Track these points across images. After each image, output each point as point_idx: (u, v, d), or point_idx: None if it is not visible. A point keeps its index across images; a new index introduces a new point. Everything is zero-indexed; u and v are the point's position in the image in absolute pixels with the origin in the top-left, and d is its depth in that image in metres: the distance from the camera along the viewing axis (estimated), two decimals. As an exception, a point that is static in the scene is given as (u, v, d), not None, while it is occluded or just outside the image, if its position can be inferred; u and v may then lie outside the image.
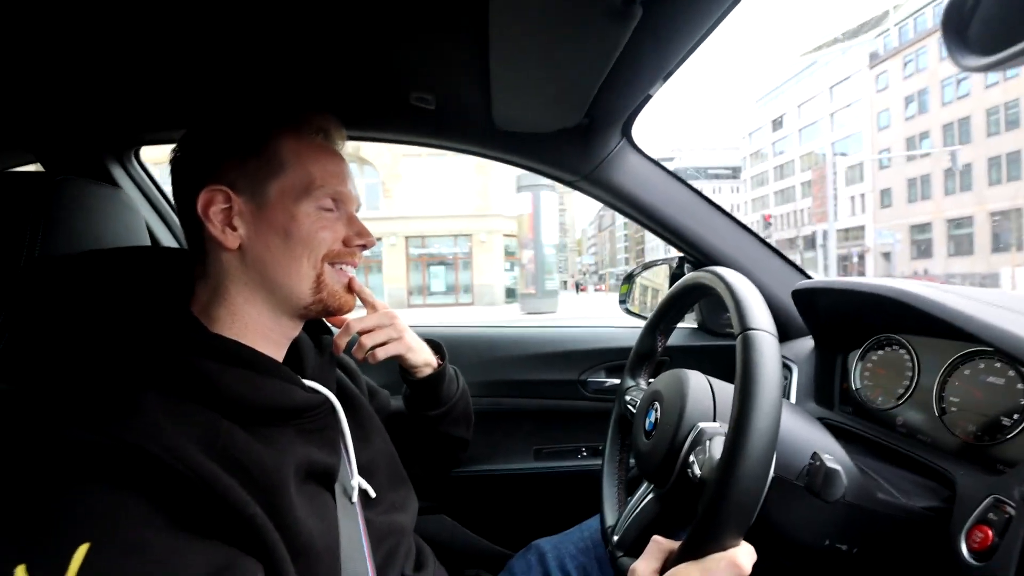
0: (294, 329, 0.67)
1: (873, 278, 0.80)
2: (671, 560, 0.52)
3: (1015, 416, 0.64)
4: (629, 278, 1.49)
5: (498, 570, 0.93)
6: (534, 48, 0.68)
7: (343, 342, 0.77)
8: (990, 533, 0.55)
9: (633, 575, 0.54)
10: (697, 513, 0.50)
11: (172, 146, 0.65)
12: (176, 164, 0.63)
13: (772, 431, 0.48)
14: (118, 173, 1.19)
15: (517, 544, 0.98)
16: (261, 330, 0.63)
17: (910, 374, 0.80)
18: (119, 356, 0.53)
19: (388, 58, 0.82)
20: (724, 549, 0.49)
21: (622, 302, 1.48)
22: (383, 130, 1.07)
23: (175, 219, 1.28)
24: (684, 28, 0.71)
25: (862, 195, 36.23)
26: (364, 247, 0.68)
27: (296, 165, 0.63)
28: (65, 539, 0.39)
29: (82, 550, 0.39)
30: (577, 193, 1.20)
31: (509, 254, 19.79)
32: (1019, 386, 0.65)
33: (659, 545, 0.55)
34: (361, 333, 0.79)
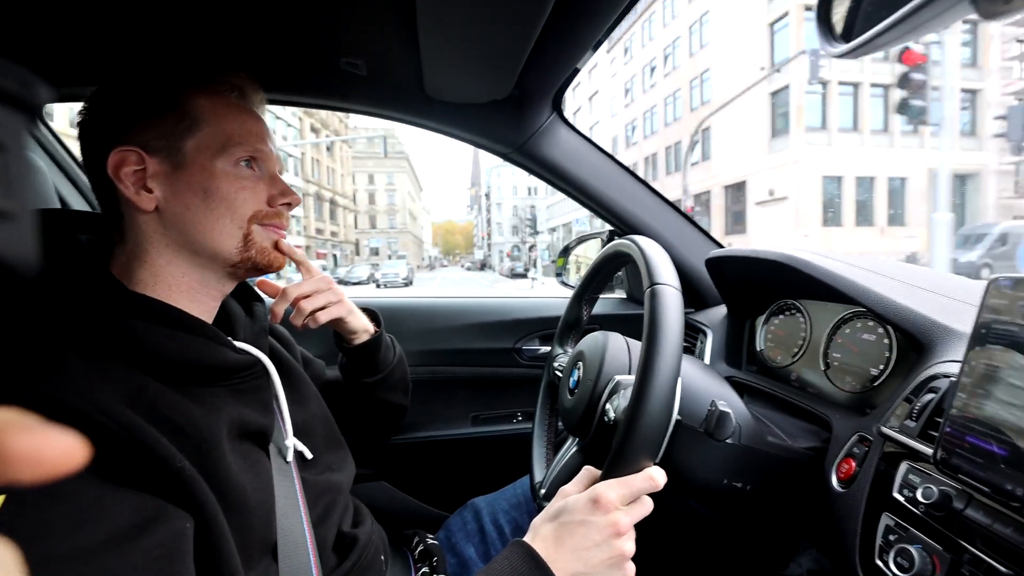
0: (223, 289, 0.66)
1: (773, 247, 0.88)
2: (595, 482, 0.57)
3: (881, 367, 0.74)
4: (565, 251, 1.55)
5: (437, 530, 0.97)
6: (461, 15, 0.69)
7: (280, 309, 0.77)
8: (853, 464, 0.64)
9: (561, 494, 0.58)
10: (612, 445, 0.56)
11: (79, 105, 0.61)
12: (84, 125, 0.60)
13: (674, 371, 0.54)
14: None
15: (455, 506, 1.02)
16: (187, 291, 0.62)
17: (803, 335, 0.90)
18: (38, 317, 0.51)
19: (316, 20, 0.80)
20: (639, 470, 0.55)
21: (558, 275, 1.54)
22: (314, 95, 1.04)
23: (86, 183, 1.19)
24: None
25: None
26: (289, 206, 0.67)
27: (211, 122, 0.61)
28: None
29: None
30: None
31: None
32: (885, 341, 0.75)
33: (588, 472, 0.60)
34: (299, 299, 0.79)
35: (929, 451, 0.54)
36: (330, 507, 0.71)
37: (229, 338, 0.63)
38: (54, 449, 0.17)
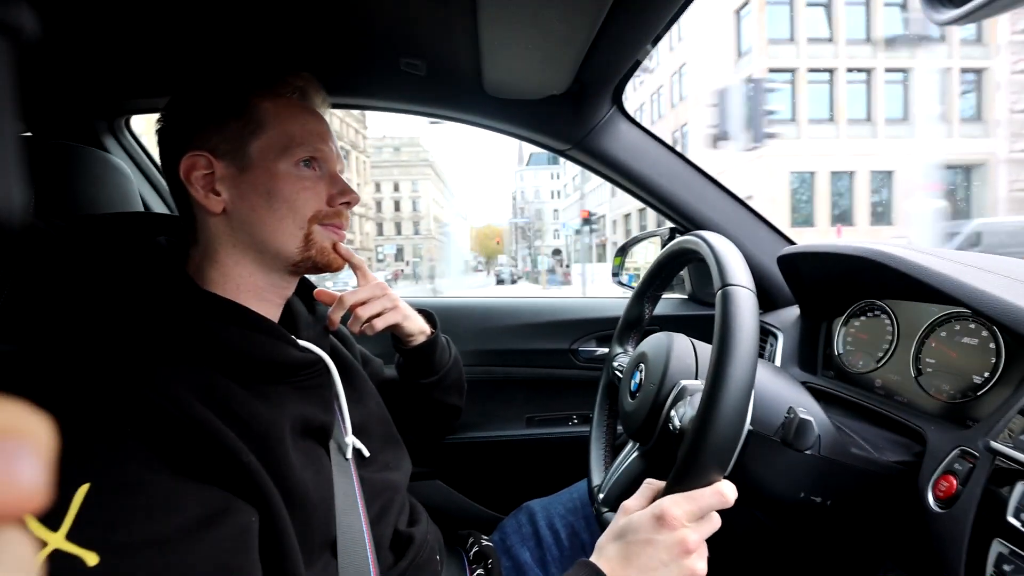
0: (287, 288, 0.68)
1: (855, 241, 0.81)
2: (659, 496, 0.54)
3: (985, 374, 0.66)
4: (622, 251, 1.51)
5: (491, 532, 0.96)
6: (522, 10, 0.68)
7: (337, 317, 0.78)
8: (954, 482, 0.57)
9: (624, 511, 0.56)
10: (679, 456, 0.52)
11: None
12: (161, 132, 0.64)
13: (748, 379, 0.50)
14: (110, 143, 1.18)
15: (509, 508, 1.01)
16: (254, 290, 0.64)
17: (890, 338, 0.82)
18: (118, 316, 0.54)
19: (377, 22, 0.81)
20: (707, 484, 0.51)
21: (615, 275, 1.49)
22: (374, 97, 1.06)
23: (167, 188, 1.28)
24: None
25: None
26: (348, 205, 0.69)
27: (274, 124, 0.63)
28: (66, 481, 0.41)
29: (82, 490, 0.40)
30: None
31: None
32: (991, 345, 0.67)
33: (650, 485, 0.57)
34: (355, 306, 0.80)
35: None
36: (387, 505, 0.71)
37: (293, 336, 0.64)
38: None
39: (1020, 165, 18.54)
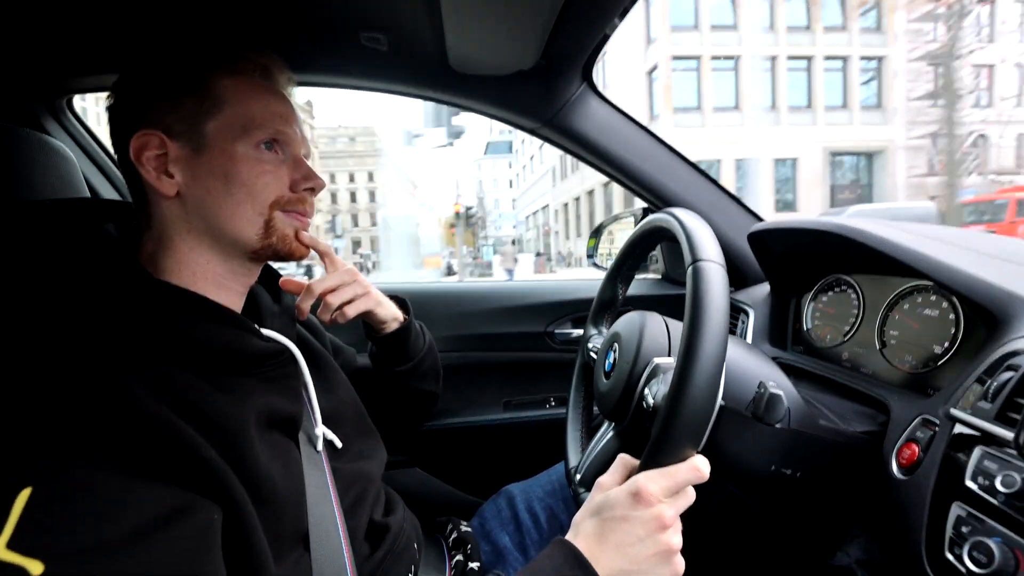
0: (248, 276, 0.65)
1: (820, 217, 0.82)
2: (634, 472, 0.54)
3: (945, 344, 0.68)
4: (597, 232, 1.51)
5: (470, 517, 0.96)
6: None
7: (306, 306, 0.75)
8: (916, 449, 0.59)
9: (600, 487, 0.55)
10: (652, 432, 0.52)
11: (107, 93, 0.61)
12: (110, 109, 0.60)
13: (719, 353, 0.50)
14: (51, 125, 1.11)
15: (489, 493, 1.01)
16: (212, 278, 0.61)
17: (856, 312, 0.84)
18: (62, 308, 0.51)
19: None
20: (682, 460, 0.51)
21: (590, 256, 1.49)
22: (336, 74, 1.02)
23: (117, 173, 1.21)
24: None
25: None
26: (312, 191, 0.65)
27: (234, 103, 0.59)
28: (6, 486, 0.38)
29: (24, 495, 0.38)
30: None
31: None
32: (951, 316, 0.68)
33: (624, 461, 0.57)
34: (324, 294, 0.77)
35: (1009, 435, 0.49)
36: (361, 496, 0.70)
37: (256, 326, 0.62)
38: None
39: (916, 152, 19.33)
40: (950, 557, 0.51)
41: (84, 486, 0.40)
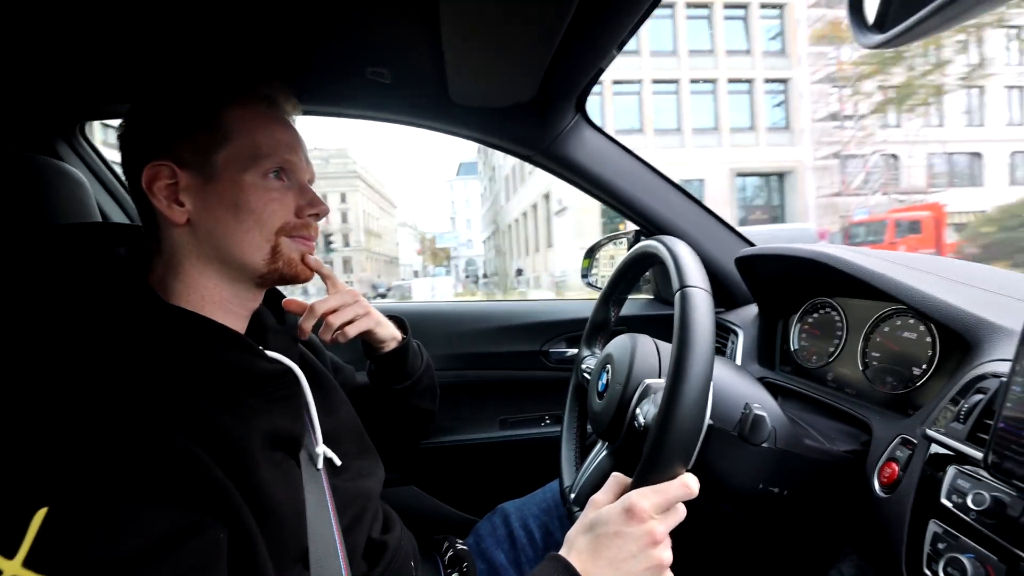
0: (254, 300, 0.68)
1: (805, 245, 0.86)
2: (626, 490, 0.56)
3: (923, 366, 0.71)
4: (591, 252, 1.54)
5: (466, 535, 0.97)
6: (484, 20, 0.69)
7: (308, 326, 0.77)
8: (896, 468, 0.61)
9: (593, 504, 0.57)
10: (644, 451, 0.55)
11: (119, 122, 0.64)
12: (122, 139, 0.63)
13: (706, 374, 0.53)
14: (64, 151, 1.14)
15: (484, 510, 1.02)
16: (219, 301, 0.63)
17: (840, 334, 0.87)
18: (74, 330, 0.53)
19: (342, 31, 0.81)
20: (672, 477, 0.53)
21: (584, 276, 1.52)
22: (341, 105, 1.06)
23: (126, 197, 1.24)
24: None
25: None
26: (317, 216, 0.68)
27: (242, 134, 0.62)
28: (24, 505, 0.40)
29: (40, 515, 0.40)
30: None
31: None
32: (927, 340, 0.72)
33: (616, 479, 0.58)
34: (326, 314, 0.79)
35: (979, 455, 0.51)
36: (360, 514, 0.71)
37: (260, 347, 0.64)
38: None
39: (824, 172, 19.66)
40: (928, 573, 0.53)
41: (97, 506, 0.42)
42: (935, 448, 0.57)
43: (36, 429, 0.44)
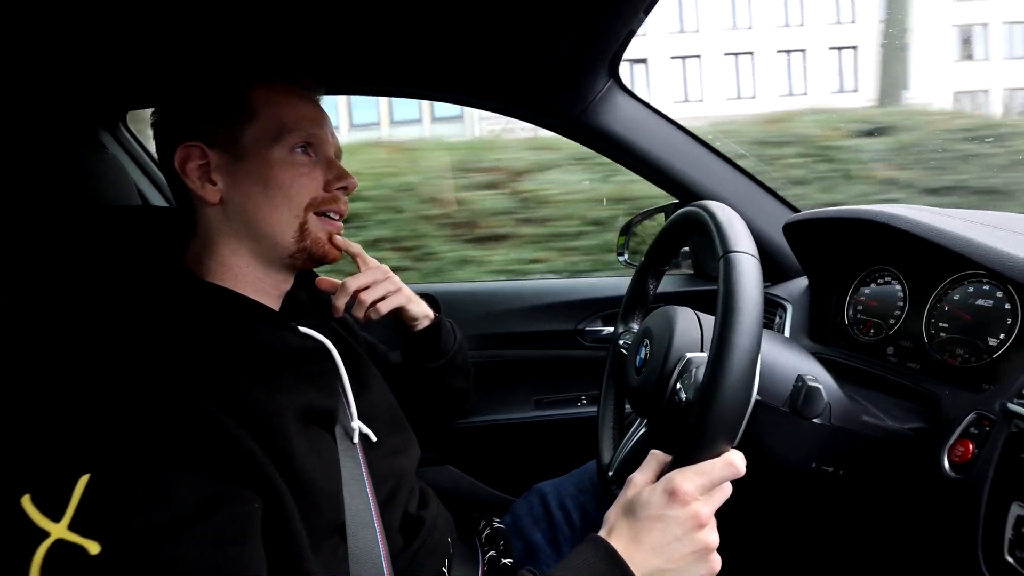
0: (285, 282, 0.68)
1: (863, 205, 0.79)
2: (667, 468, 0.53)
3: (1001, 336, 0.64)
4: (626, 229, 1.48)
5: (503, 515, 0.96)
6: None
7: (341, 303, 0.78)
8: (971, 446, 0.56)
9: (631, 484, 0.55)
10: (686, 428, 0.52)
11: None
12: (156, 126, 0.65)
13: (754, 345, 0.49)
14: (106, 139, 1.18)
15: (521, 490, 1.02)
16: (252, 280, 0.64)
17: (901, 304, 0.80)
18: (116, 308, 0.54)
19: (368, 8, 0.79)
20: (716, 455, 0.50)
21: (620, 254, 1.47)
22: (373, 83, 1.05)
23: (164, 181, 1.28)
24: None
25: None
26: (346, 190, 0.68)
27: (266, 111, 0.63)
28: (68, 471, 0.42)
29: (83, 480, 0.41)
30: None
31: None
32: (1007, 306, 0.64)
33: (656, 457, 0.56)
34: (358, 291, 0.79)
35: None
36: (396, 490, 0.71)
37: (293, 323, 0.64)
38: None
39: None
40: (1010, 560, 0.48)
41: (136, 474, 0.43)
42: (1018, 424, 0.52)
43: (78, 400, 0.46)
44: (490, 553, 0.84)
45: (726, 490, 0.52)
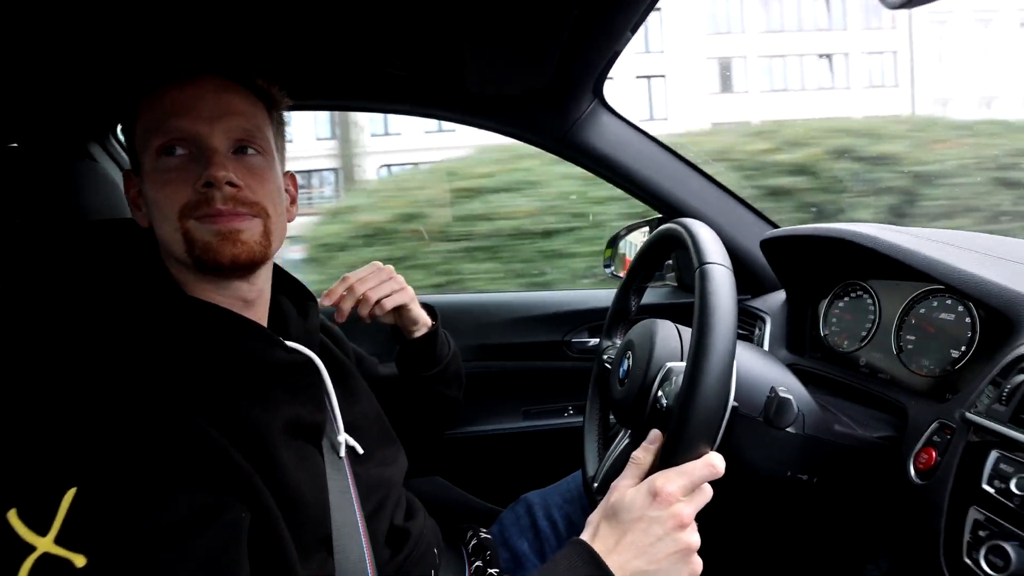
0: (238, 289, 0.62)
1: (834, 224, 0.83)
2: (648, 472, 0.55)
3: (962, 348, 0.67)
4: (613, 242, 1.51)
5: (490, 525, 0.97)
6: (497, 6, 0.69)
7: (348, 307, 0.79)
8: (934, 454, 0.59)
9: (614, 489, 0.56)
10: (667, 432, 0.54)
11: None
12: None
13: (728, 349, 0.51)
14: (97, 153, 1.18)
15: (508, 500, 1.02)
16: (211, 294, 0.61)
17: (872, 317, 0.83)
18: (105, 321, 0.55)
19: (357, 24, 0.81)
20: (697, 456, 0.52)
21: (607, 266, 1.50)
22: (357, 98, 1.07)
23: None
24: None
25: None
26: (213, 185, 0.56)
27: (139, 122, 0.59)
28: (55, 485, 0.42)
29: (70, 494, 0.41)
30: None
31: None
32: (967, 320, 0.68)
33: (637, 462, 0.57)
34: (364, 291, 0.80)
35: (1023, 437, 0.49)
36: (383, 501, 0.72)
37: (280, 338, 0.64)
38: None
39: None
40: (968, 561, 0.51)
41: (123, 487, 0.44)
42: (976, 433, 0.55)
43: (64, 413, 0.46)
44: (476, 563, 0.84)
45: (707, 492, 0.53)
